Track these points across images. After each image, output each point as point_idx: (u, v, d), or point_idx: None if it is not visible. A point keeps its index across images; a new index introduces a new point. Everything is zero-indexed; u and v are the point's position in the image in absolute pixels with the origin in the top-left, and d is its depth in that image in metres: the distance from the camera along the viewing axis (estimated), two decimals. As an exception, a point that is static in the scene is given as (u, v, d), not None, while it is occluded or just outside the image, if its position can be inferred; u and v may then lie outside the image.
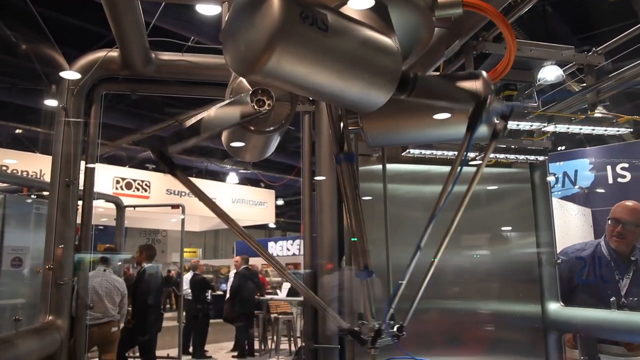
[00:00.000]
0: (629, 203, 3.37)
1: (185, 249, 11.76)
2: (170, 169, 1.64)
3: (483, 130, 1.74)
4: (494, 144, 1.78)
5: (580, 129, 2.65)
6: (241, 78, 1.69)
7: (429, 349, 2.36)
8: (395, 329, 1.76)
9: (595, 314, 2.83)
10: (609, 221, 3.38)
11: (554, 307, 2.91)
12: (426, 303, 1.74)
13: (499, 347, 2.84)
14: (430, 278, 1.61)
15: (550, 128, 2.68)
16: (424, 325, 1.88)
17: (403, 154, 2.81)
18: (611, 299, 2.68)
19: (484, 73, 1.68)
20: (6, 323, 2.05)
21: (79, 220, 2.69)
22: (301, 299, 3.12)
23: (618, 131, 2.64)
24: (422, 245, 1.74)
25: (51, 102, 2.68)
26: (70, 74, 2.83)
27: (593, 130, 2.66)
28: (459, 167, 1.72)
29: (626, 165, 7.28)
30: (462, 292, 2.60)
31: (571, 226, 6.66)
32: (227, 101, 1.67)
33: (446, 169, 3.01)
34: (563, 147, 7.88)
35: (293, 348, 10.25)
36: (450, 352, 2.71)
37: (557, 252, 3.15)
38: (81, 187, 2.69)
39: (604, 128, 2.62)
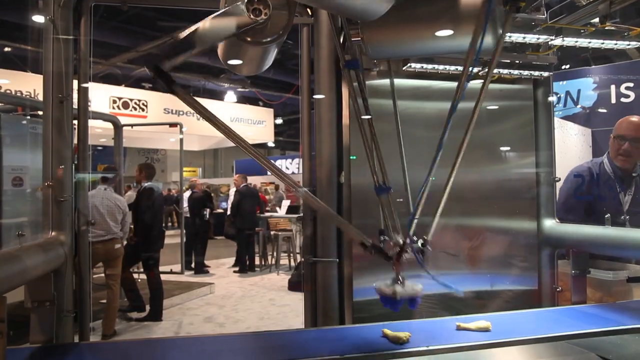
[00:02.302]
0: (634, 118, 3.23)
1: (184, 169, 11.82)
2: (168, 85, 1.60)
3: (488, 41, 1.67)
4: (502, 45, 1.71)
5: (589, 42, 2.55)
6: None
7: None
8: (419, 243, 1.76)
9: (589, 230, 2.88)
10: (613, 139, 3.26)
11: (549, 223, 2.95)
12: (423, 221, 1.75)
13: (493, 262, 2.92)
14: (427, 197, 1.60)
15: (558, 41, 2.58)
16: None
17: (404, 68, 2.74)
18: (606, 216, 2.70)
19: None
20: (12, 240, 2.08)
21: (76, 141, 2.67)
22: (300, 215, 3.14)
23: (629, 44, 2.54)
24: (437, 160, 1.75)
25: (39, 18, 2.55)
26: (56, -16, 2.68)
27: (602, 44, 2.57)
28: (469, 72, 1.65)
29: (631, 84, 7.16)
30: (459, 209, 2.60)
31: (570, 146, 6.66)
32: (222, 10, 1.58)
33: (448, 84, 2.97)
34: (567, 66, 7.72)
35: (293, 263, 10.60)
36: (444, 266, 2.78)
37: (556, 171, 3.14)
38: (76, 106, 2.63)
39: (614, 41, 2.53)
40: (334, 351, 1.74)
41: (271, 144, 20.80)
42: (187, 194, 10.97)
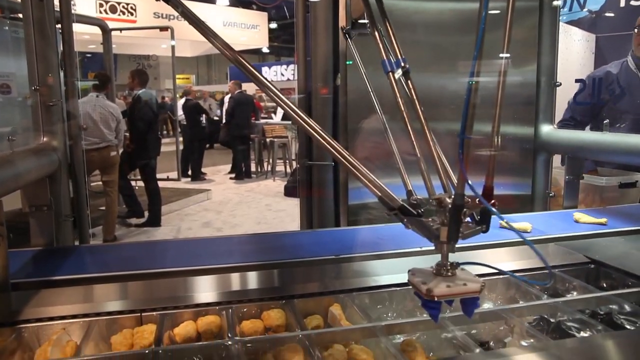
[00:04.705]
0: None
1: (178, 76, 11.55)
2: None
3: None
4: None
5: None
6: None
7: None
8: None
9: (586, 136, 2.87)
10: (637, 30, 3.27)
11: (547, 129, 2.93)
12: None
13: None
14: (426, 103, 1.52)
15: None
16: (423, 148, 1.88)
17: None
18: (605, 122, 2.68)
19: None
20: (3, 147, 2.05)
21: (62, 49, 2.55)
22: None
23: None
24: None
25: None
26: None
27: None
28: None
29: (645, -14, 6.83)
30: (458, 115, 2.57)
31: (572, 52, 6.50)
32: None
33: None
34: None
35: (288, 170, 10.70)
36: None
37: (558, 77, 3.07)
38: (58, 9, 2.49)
39: None
40: (329, 252, 1.78)
41: (265, 50, 20.23)
42: (181, 102, 10.82)
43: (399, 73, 1.13)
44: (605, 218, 2.21)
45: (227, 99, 11.27)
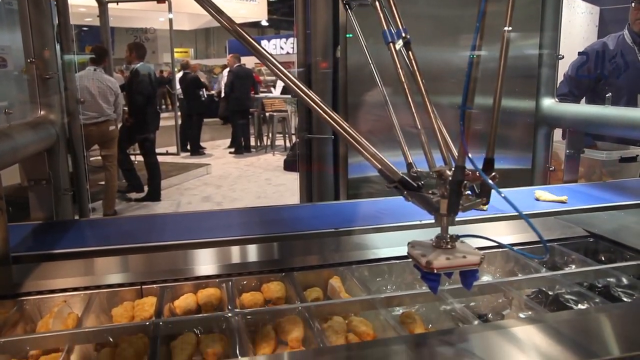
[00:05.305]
0: None
1: (176, 49, 11.42)
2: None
3: None
4: None
5: None
6: None
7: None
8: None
9: (588, 110, 2.85)
10: (634, 4, 3.26)
11: (548, 102, 2.91)
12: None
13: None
14: (428, 77, 1.46)
15: None
16: (424, 121, 1.86)
17: None
18: (607, 95, 2.66)
19: None
20: (0, 120, 2.04)
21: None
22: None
23: None
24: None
25: None
26: None
27: None
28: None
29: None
30: (459, 89, 2.54)
31: (575, 25, 6.42)
32: None
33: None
34: None
35: (288, 144, 10.67)
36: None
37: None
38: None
39: None
40: (329, 225, 1.78)
41: (265, 23, 19.97)
42: (179, 75, 10.73)
43: (399, 44, 1.11)
44: (566, 196, 2.13)
45: (226, 72, 11.18)
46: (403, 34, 1.12)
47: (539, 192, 2.19)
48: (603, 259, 1.61)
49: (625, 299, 1.33)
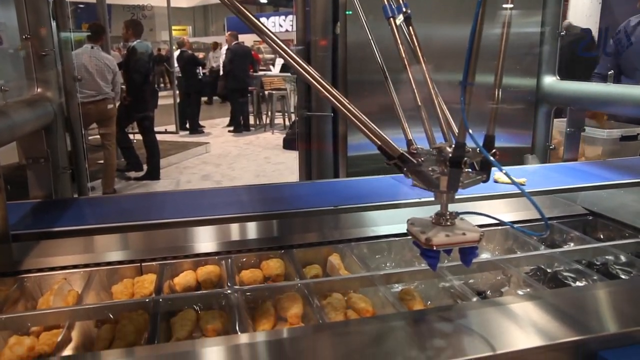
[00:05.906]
0: None
1: (174, 27, 11.30)
2: None
3: None
4: None
5: None
6: None
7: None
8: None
9: (590, 87, 2.82)
10: None
11: (549, 80, 2.88)
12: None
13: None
14: (428, 54, 1.44)
15: None
16: (424, 96, 1.84)
17: None
18: (609, 72, 2.64)
19: None
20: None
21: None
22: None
23: None
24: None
25: None
26: None
27: None
28: None
29: None
30: (460, 65, 2.52)
31: (577, 2, 6.34)
32: None
33: None
34: None
35: (287, 122, 10.63)
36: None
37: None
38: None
39: None
40: (328, 202, 1.78)
41: (263, 0, 19.70)
42: (177, 53, 10.63)
43: (400, 19, 1.09)
44: (524, 178, 2.08)
45: (224, 50, 11.07)
46: (404, 9, 1.10)
47: (498, 175, 2.07)
48: (602, 236, 1.61)
49: (623, 277, 1.33)
